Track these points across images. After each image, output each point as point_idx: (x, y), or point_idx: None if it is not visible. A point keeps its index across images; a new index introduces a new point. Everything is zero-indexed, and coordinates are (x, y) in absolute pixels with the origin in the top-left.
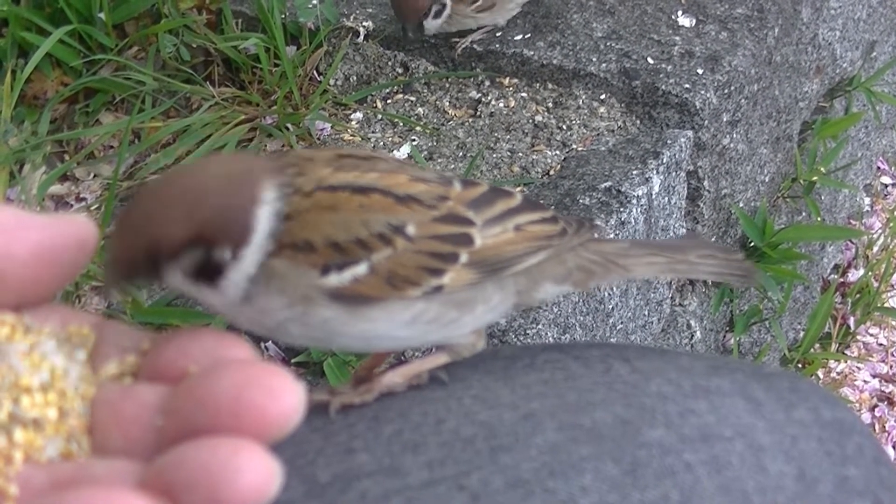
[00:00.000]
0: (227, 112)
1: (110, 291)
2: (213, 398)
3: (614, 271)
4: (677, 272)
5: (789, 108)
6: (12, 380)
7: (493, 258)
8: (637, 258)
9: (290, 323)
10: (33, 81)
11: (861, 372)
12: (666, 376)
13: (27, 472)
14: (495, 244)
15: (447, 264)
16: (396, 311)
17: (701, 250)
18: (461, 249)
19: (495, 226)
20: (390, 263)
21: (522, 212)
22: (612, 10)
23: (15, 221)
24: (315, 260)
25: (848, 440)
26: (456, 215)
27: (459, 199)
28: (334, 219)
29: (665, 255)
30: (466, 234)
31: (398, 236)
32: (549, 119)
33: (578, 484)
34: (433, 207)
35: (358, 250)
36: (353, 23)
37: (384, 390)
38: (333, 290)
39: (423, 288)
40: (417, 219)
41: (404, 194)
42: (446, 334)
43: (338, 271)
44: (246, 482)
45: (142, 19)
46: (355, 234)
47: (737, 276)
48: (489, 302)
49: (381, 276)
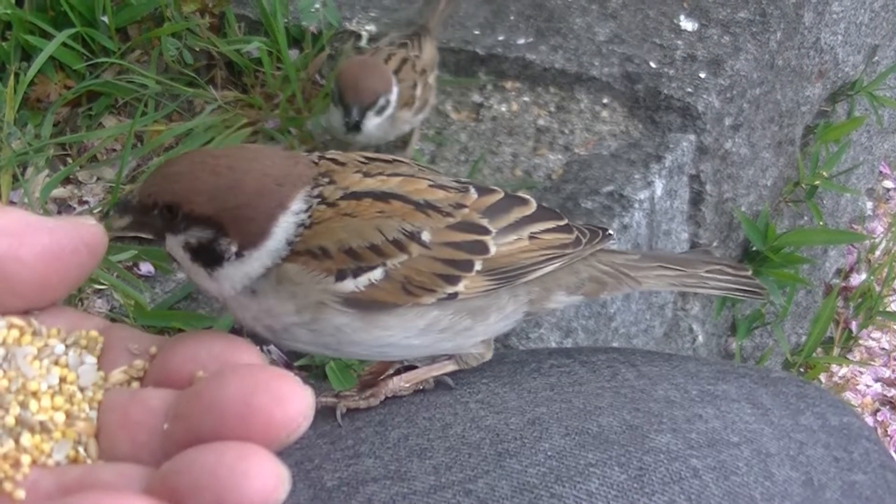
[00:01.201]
0: (230, 115)
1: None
2: (220, 403)
3: (626, 283)
4: (687, 286)
5: (791, 111)
6: (20, 384)
7: (508, 266)
8: (647, 270)
9: (297, 328)
10: (36, 85)
11: (864, 376)
12: (673, 381)
13: (35, 476)
14: (510, 252)
15: (462, 271)
16: (411, 319)
17: (711, 265)
18: (476, 257)
19: (510, 234)
20: (405, 269)
21: (537, 220)
22: (614, 14)
23: (23, 224)
24: (330, 266)
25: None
26: (471, 223)
27: (475, 206)
28: (350, 225)
29: (675, 269)
30: (481, 241)
31: (413, 242)
32: (552, 123)
33: (585, 489)
34: (449, 215)
35: (373, 256)
36: (355, 26)
37: (390, 395)
38: (349, 296)
39: (437, 294)
40: (433, 225)
41: (423, 201)
42: (458, 343)
43: (353, 277)
44: (253, 487)
45: (145, 23)
46: (370, 240)
47: (745, 291)
48: (503, 311)
49: (397, 281)
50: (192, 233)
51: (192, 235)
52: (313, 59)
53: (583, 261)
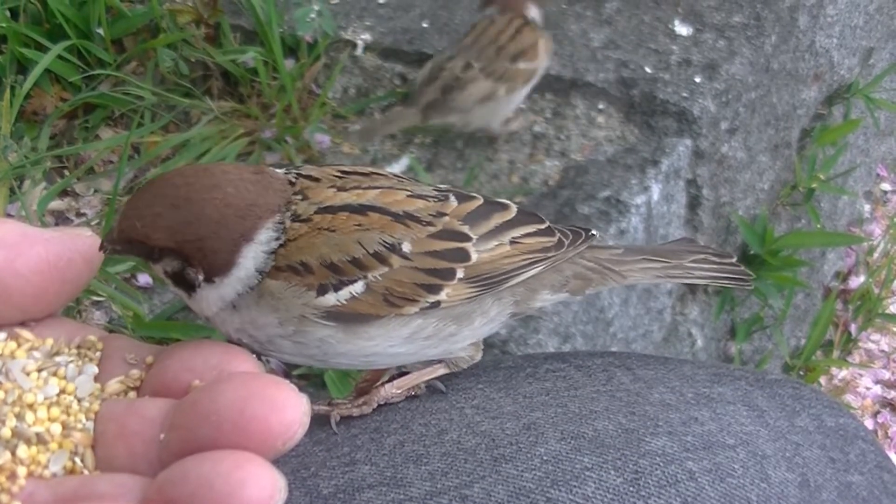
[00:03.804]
0: (227, 126)
1: (107, 249)
2: (216, 412)
3: (611, 278)
4: (673, 277)
5: (788, 115)
6: (17, 395)
7: (490, 272)
8: (632, 264)
9: (281, 340)
10: (33, 97)
11: (864, 378)
12: (668, 384)
13: (31, 488)
14: (491, 258)
15: (444, 280)
16: (394, 328)
17: (695, 254)
18: (457, 265)
19: (491, 240)
20: (387, 281)
21: (518, 225)
22: (609, 19)
23: (19, 236)
24: (311, 281)
25: (851, 447)
26: (452, 230)
27: (455, 214)
28: (330, 240)
29: (660, 261)
30: (462, 248)
31: (394, 254)
32: (548, 129)
33: (581, 493)
34: (430, 224)
35: (354, 269)
36: (351, 35)
37: (382, 402)
38: (330, 309)
39: (420, 304)
40: (413, 236)
41: (402, 212)
42: (446, 348)
43: (335, 291)
44: (250, 496)
45: (140, 34)
46: (351, 254)
47: (732, 279)
48: (487, 314)
49: (378, 293)
50: (166, 262)
51: (167, 264)
52: (309, 68)
53: (567, 260)
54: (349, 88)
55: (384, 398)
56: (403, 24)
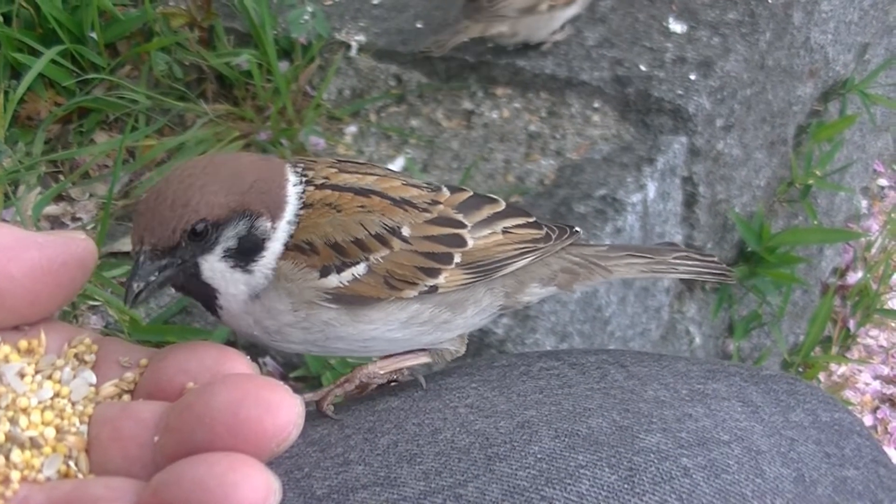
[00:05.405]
0: (222, 128)
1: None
2: (210, 414)
3: (597, 272)
4: (657, 272)
5: (783, 111)
6: (10, 400)
7: (484, 259)
8: (617, 259)
9: (290, 329)
10: (26, 102)
11: (863, 374)
12: (662, 381)
13: (25, 492)
14: (485, 245)
15: (442, 264)
16: (393, 312)
17: (678, 252)
18: (454, 250)
19: (484, 228)
20: (388, 263)
21: (508, 216)
22: (603, 18)
23: (12, 240)
24: (315, 262)
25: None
26: (448, 217)
27: (449, 202)
28: (334, 220)
29: (644, 257)
30: (459, 234)
31: (395, 237)
32: (544, 128)
33: (575, 491)
34: (426, 210)
35: (357, 251)
36: (345, 36)
37: (365, 379)
38: (333, 291)
39: (419, 287)
40: (412, 220)
41: (399, 198)
42: (438, 336)
43: (337, 272)
44: (244, 498)
45: (134, 38)
46: (354, 235)
47: (714, 274)
48: (479, 304)
49: (380, 275)
50: (227, 234)
51: (228, 237)
52: (303, 70)
53: (554, 254)
54: (344, 90)
55: (367, 376)
56: (397, 24)
